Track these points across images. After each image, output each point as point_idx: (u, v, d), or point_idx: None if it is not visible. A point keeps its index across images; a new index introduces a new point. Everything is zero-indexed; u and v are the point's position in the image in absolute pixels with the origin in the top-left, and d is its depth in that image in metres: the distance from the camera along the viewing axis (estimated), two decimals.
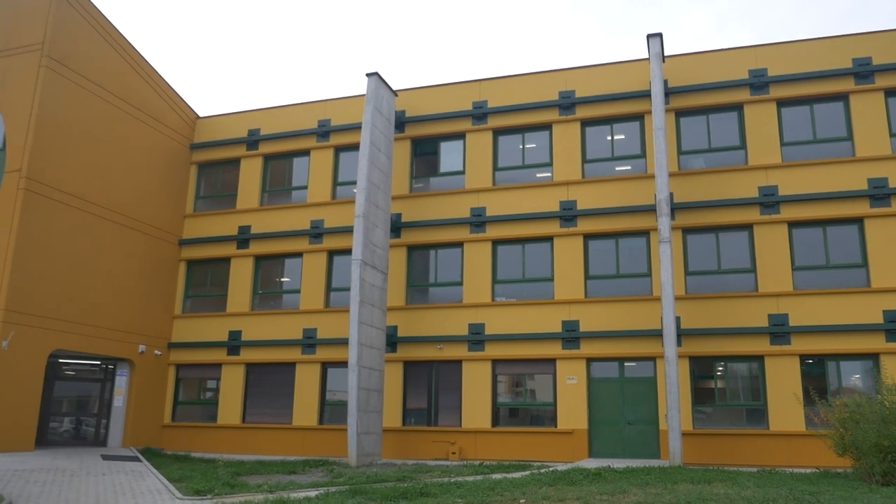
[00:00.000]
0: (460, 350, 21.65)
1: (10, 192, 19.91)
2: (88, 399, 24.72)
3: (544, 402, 21.01)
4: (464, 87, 23.86)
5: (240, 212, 25.43)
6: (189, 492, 13.80)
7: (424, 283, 23.18)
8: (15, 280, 19.32)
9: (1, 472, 15.25)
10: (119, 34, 23.44)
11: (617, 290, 21.02)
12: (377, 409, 20.50)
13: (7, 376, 18.91)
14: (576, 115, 22.43)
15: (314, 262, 23.99)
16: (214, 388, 24.59)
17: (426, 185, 24.14)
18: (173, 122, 25.79)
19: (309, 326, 23.32)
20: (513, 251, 22.26)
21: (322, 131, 24.97)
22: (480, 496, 11.92)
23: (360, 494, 12.36)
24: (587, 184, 21.83)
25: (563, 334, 20.74)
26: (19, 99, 20.65)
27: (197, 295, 25.76)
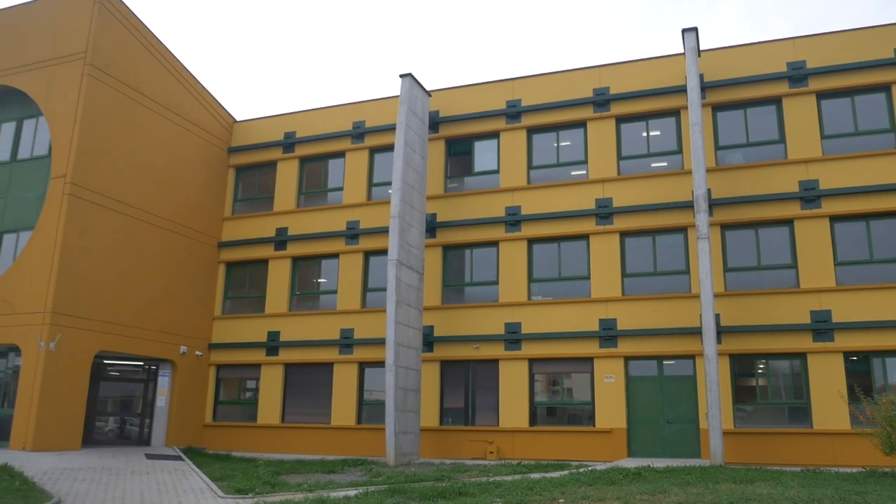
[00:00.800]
0: (497, 349, 21.62)
1: (56, 197, 20.43)
2: (132, 399, 25.25)
3: (582, 401, 20.88)
4: (497, 86, 23.82)
5: (277, 214, 25.75)
6: (231, 490, 14.03)
7: (460, 283, 23.21)
8: (61, 283, 19.82)
9: (50, 471, 15.68)
10: (158, 41, 23.90)
11: (654, 287, 20.79)
12: (414, 408, 20.58)
13: (54, 377, 19.42)
14: (610, 111, 22.24)
15: (350, 262, 24.18)
16: (254, 388, 24.94)
17: (461, 184, 24.16)
18: (211, 126, 26.22)
19: (346, 326, 23.51)
20: (548, 250, 22.17)
21: (357, 133, 25.15)
22: (519, 496, 11.91)
23: (398, 494, 12.44)
24: (623, 181, 21.64)
25: (600, 333, 20.60)
26: (64, 106, 21.18)
27: (236, 296, 26.15)
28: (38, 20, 22.68)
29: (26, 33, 22.73)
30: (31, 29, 22.68)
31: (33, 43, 22.40)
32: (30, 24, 22.82)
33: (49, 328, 19.40)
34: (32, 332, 19.47)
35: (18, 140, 22.89)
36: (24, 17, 23.05)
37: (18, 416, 19.16)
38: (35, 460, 16.78)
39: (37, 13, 22.84)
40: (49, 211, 20.44)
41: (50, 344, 19.33)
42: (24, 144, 22.71)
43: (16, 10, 23.33)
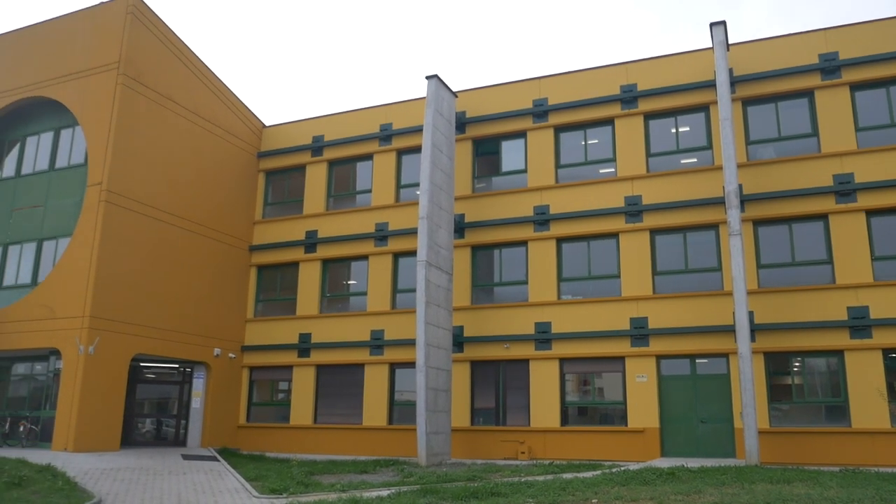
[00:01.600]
0: (527, 349, 21.59)
1: (92, 204, 20.88)
2: (168, 401, 25.70)
3: (614, 400, 20.75)
4: (523, 85, 23.79)
5: (306, 217, 26.00)
6: (265, 490, 14.23)
7: (489, 283, 23.21)
8: (99, 288, 20.25)
9: (91, 471, 16.03)
10: (188, 49, 24.30)
11: (686, 285, 20.58)
12: (445, 408, 20.64)
13: (93, 380, 19.86)
14: (638, 108, 22.07)
15: (380, 264, 24.33)
16: (286, 390, 25.21)
17: (488, 184, 24.17)
18: (241, 132, 26.58)
19: (376, 328, 23.66)
20: (577, 248, 22.07)
21: (384, 135, 25.30)
22: (552, 496, 11.89)
23: (431, 494, 12.50)
24: (652, 178, 21.47)
25: (631, 332, 20.45)
26: (99, 116, 21.64)
27: (267, 299, 26.47)
28: (73, 32, 23.19)
29: (62, 46, 23.26)
30: (67, 41, 23.21)
31: (69, 55, 22.92)
32: (65, 36, 23.35)
33: (88, 332, 19.84)
34: (72, 336, 19.94)
35: (56, 149, 23.44)
36: (60, 30, 23.59)
37: (60, 417, 19.64)
38: (76, 461, 17.17)
39: (71, 26, 23.36)
40: (86, 218, 20.90)
41: (89, 347, 19.76)
42: (62, 153, 23.26)
43: (51, 24, 23.89)
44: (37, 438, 20.95)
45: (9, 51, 24.44)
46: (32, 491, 13.27)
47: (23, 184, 23.68)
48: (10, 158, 24.43)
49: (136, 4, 22.48)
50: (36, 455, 17.46)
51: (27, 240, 22.89)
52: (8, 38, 24.70)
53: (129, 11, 22.23)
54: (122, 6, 22.40)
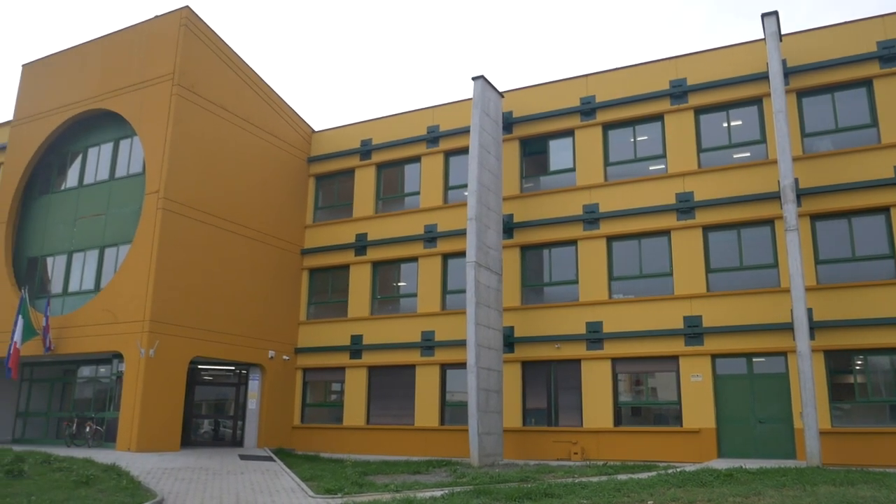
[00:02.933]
0: (578, 349, 21.43)
1: (151, 212, 21.53)
2: (225, 402, 26.33)
3: (668, 400, 20.44)
4: (570, 83, 23.62)
5: (356, 220, 26.31)
6: (320, 490, 14.44)
7: (539, 283, 23.12)
8: (158, 293, 20.87)
9: (153, 470, 16.53)
10: (239, 58, 24.85)
11: (741, 282, 20.14)
12: (497, 409, 20.63)
13: (154, 382, 20.47)
14: (688, 103, 21.70)
15: (429, 265, 24.46)
16: (339, 391, 25.55)
17: (536, 184, 24.08)
18: (291, 137, 27.06)
19: (427, 329, 23.79)
20: (628, 247, 21.81)
21: (431, 137, 25.43)
22: (606, 497, 11.79)
23: (484, 495, 12.51)
24: (704, 174, 21.07)
25: (685, 330, 20.12)
26: (155, 126, 22.31)
27: (319, 301, 26.86)
28: (130, 46, 23.96)
29: (120, 59, 24.05)
30: (124, 55, 23.99)
31: (126, 68, 23.69)
32: (123, 50, 24.13)
33: (148, 336, 20.46)
34: (133, 339, 20.59)
35: (116, 159, 24.24)
36: (118, 45, 24.40)
37: (123, 418, 20.30)
38: (139, 460, 17.71)
39: (129, 39, 24.13)
40: (145, 225, 21.55)
41: (149, 351, 20.38)
42: (121, 163, 24.04)
43: (109, 38, 24.73)
44: (102, 439, 21.71)
45: (71, 66, 25.39)
46: (99, 489, 13.75)
47: (85, 193, 24.56)
48: (73, 170, 25.36)
49: (189, 17, 23.10)
50: (101, 455, 18.08)
51: (90, 247, 23.73)
52: (69, 54, 25.66)
53: (183, 24, 22.85)
54: (175, 19, 23.05)
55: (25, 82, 26.70)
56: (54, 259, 24.63)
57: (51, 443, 22.82)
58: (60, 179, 25.62)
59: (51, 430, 24.47)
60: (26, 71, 26.84)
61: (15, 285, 24.13)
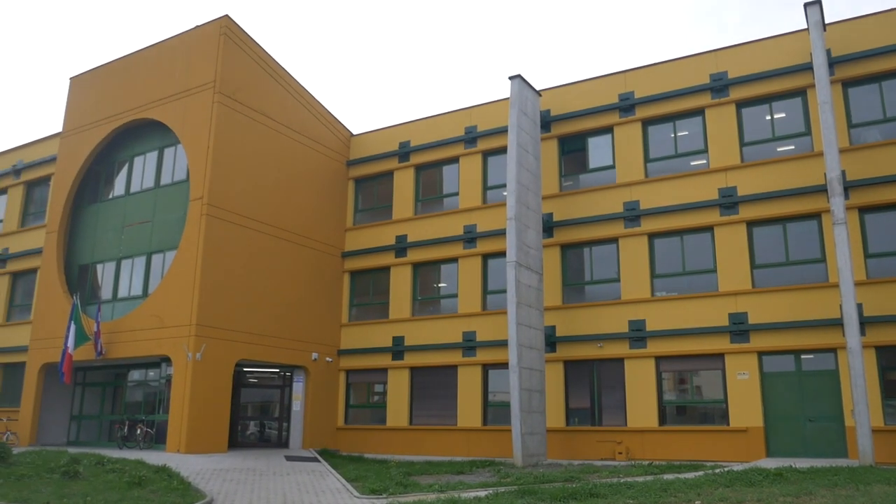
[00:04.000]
0: (621, 347, 21.23)
1: (195, 218, 21.98)
2: (270, 404, 26.74)
3: (714, 398, 20.12)
4: (608, 80, 23.42)
5: (396, 222, 26.48)
6: (366, 491, 14.57)
7: (580, 282, 22.97)
8: (203, 298, 21.29)
9: (202, 471, 16.87)
10: (277, 64, 25.22)
11: (787, 278, 19.72)
12: (540, 409, 20.55)
13: (201, 385, 20.89)
14: (730, 96, 21.34)
15: (469, 266, 24.49)
16: (382, 392, 25.74)
17: (576, 182, 23.92)
18: (330, 142, 27.35)
19: (468, 329, 23.83)
20: (671, 244, 21.54)
21: (469, 138, 25.46)
22: (652, 497, 11.66)
23: (528, 495, 12.48)
24: (747, 168, 20.69)
25: (730, 327, 19.78)
26: (198, 133, 22.77)
27: (361, 303, 27.09)
28: (173, 56, 24.49)
29: (163, 69, 24.60)
30: (167, 65, 24.53)
31: (169, 77, 24.22)
32: (165, 60, 24.68)
33: (195, 340, 20.89)
34: (181, 343, 21.04)
35: (160, 167, 24.81)
36: (160, 55, 24.96)
37: (172, 421, 20.76)
38: (188, 462, 18.09)
39: (171, 50, 24.67)
40: (190, 231, 22.01)
41: (196, 354, 20.80)
42: (166, 171, 24.60)
43: (152, 49, 25.31)
44: (152, 441, 22.23)
45: (116, 77, 26.06)
46: (151, 490, 14.10)
47: (132, 201, 25.18)
48: (120, 178, 26.02)
49: (229, 25, 23.52)
50: (152, 456, 18.52)
51: (137, 254, 24.33)
52: (115, 66, 26.34)
53: (222, 33, 23.28)
54: (215, 28, 23.50)
55: (73, 95, 27.51)
56: (104, 266, 25.30)
57: (103, 445, 23.47)
58: (108, 188, 26.32)
59: (103, 432, 25.18)
60: (74, 84, 27.64)
61: (67, 292, 24.86)
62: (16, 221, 29.98)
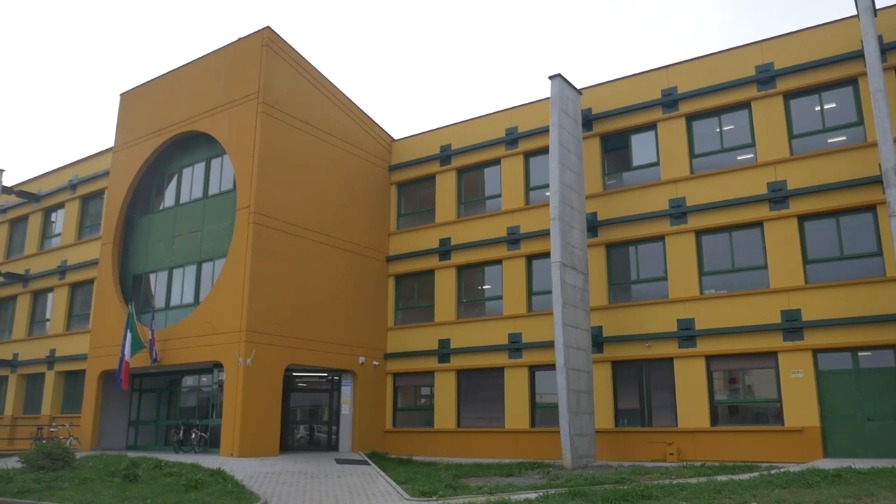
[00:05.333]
0: (670, 347, 20.92)
1: (243, 226, 22.41)
2: (319, 408, 27.06)
3: (767, 398, 19.67)
4: (650, 75, 23.13)
5: (439, 225, 26.57)
6: (416, 493, 14.67)
7: (626, 281, 22.72)
8: (253, 304, 21.69)
9: (255, 475, 17.19)
10: (319, 73, 25.55)
11: (842, 273, 19.17)
12: (588, 410, 20.38)
13: (253, 389, 21.28)
14: (777, 88, 20.86)
15: (513, 267, 24.44)
16: (429, 395, 25.84)
17: (619, 180, 23.68)
18: (372, 147, 27.60)
19: (514, 331, 23.77)
20: (719, 240, 21.15)
21: (510, 139, 25.41)
22: (706, 499, 11.49)
23: (579, 497, 12.42)
24: (797, 161, 20.19)
25: (783, 325, 19.32)
26: (243, 144, 23.22)
27: (406, 307, 27.26)
28: (217, 69, 25.04)
29: (208, 82, 25.17)
30: (212, 77, 25.08)
31: (214, 90, 24.76)
32: (210, 73, 25.24)
33: (245, 345, 21.29)
34: (232, 349, 21.47)
35: (208, 178, 25.37)
36: (205, 68, 25.54)
37: (225, 425, 21.19)
38: (242, 465, 18.47)
39: (215, 63, 25.22)
40: (238, 239, 22.46)
41: (247, 360, 21.20)
42: (213, 181, 25.15)
43: (198, 63, 25.91)
44: (207, 445, 22.73)
45: (163, 92, 26.76)
46: (207, 493, 14.44)
47: (182, 212, 25.81)
48: (170, 190, 26.70)
49: (270, 36, 23.93)
50: (207, 460, 18.96)
51: (188, 263, 24.92)
52: (162, 81, 27.05)
53: (265, 44, 23.70)
54: (257, 40, 23.94)
55: (124, 110, 28.32)
56: (156, 275, 25.99)
57: (160, 449, 24.11)
58: (159, 200, 27.02)
59: (160, 436, 25.85)
60: (124, 99, 28.46)
61: (123, 301, 25.59)
62: (73, 234, 31.01)
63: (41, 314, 31.94)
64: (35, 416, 29.69)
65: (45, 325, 31.37)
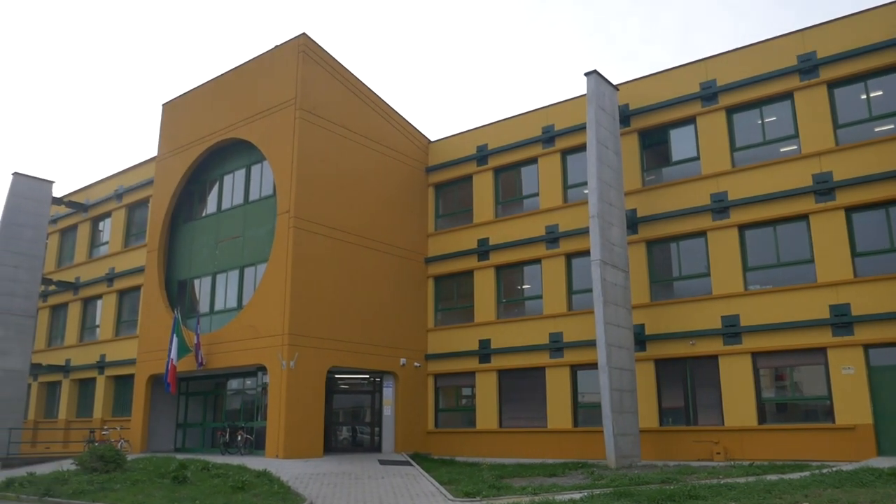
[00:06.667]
0: (715, 344, 20.57)
1: (283, 231, 22.71)
2: (361, 409, 27.28)
3: (816, 395, 19.20)
4: (688, 69, 22.78)
5: (477, 226, 26.55)
6: (459, 494, 14.68)
7: (668, 278, 22.41)
8: (294, 307, 21.95)
9: (300, 476, 17.39)
10: (354, 77, 25.75)
11: (892, 265, 18.57)
12: (632, 409, 20.15)
13: (296, 392, 21.53)
14: (820, 77, 20.35)
15: (553, 266, 24.29)
16: (470, 395, 25.83)
17: (659, 176, 23.36)
18: (409, 149, 27.72)
19: (554, 330, 23.63)
20: (763, 234, 20.72)
21: (547, 137, 25.27)
22: (756, 498, 11.27)
23: (625, 497, 12.29)
24: (843, 151, 19.66)
25: (831, 320, 18.83)
26: (282, 150, 23.53)
27: (446, 308, 27.29)
28: (255, 76, 25.42)
29: (246, 90, 25.56)
30: (250, 85, 25.47)
31: (253, 97, 25.14)
32: (248, 81, 25.64)
33: (288, 348, 21.56)
34: (275, 352, 21.76)
35: (248, 184, 25.79)
36: (244, 76, 25.95)
37: (270, 427, 21.50)
38: (287, 466, 18.70)
39: (253, 70, 25.61)
40: (279, 244, 22.76)
41: (290, 362, 21.47)
42: (254, 187, 25.54)
43: (236, 71, 26.33)
44: (252, 446, 23.08)
45: (204, 100, 27.26)
46: (254, 494, 14.67)
47: (224, 218, 26.27)
48: (212, 197, 27.20)
49: (307, 43, 24.20)
50: (253, 462, 19.25)
51: (231, 268, 25.35)
52: (202, 90, 27.56)
53: (301, 50, 23.97)
54: (294, 47, 24.22)
55: (166, 120, 28.93)
56: (200, 281, 26.50)
57: (207, 451, 24.56)
58: (201, 207, 27.54)
59: (206, 439, 26.33)
60: (166, 109, 29.07)
61: (168, 307, 26.14)
62: (120, 242, 31.80)
63: (91, 321, 32.84)
64: (87, 419, 30.51)
65: (95, 331, 32.24)
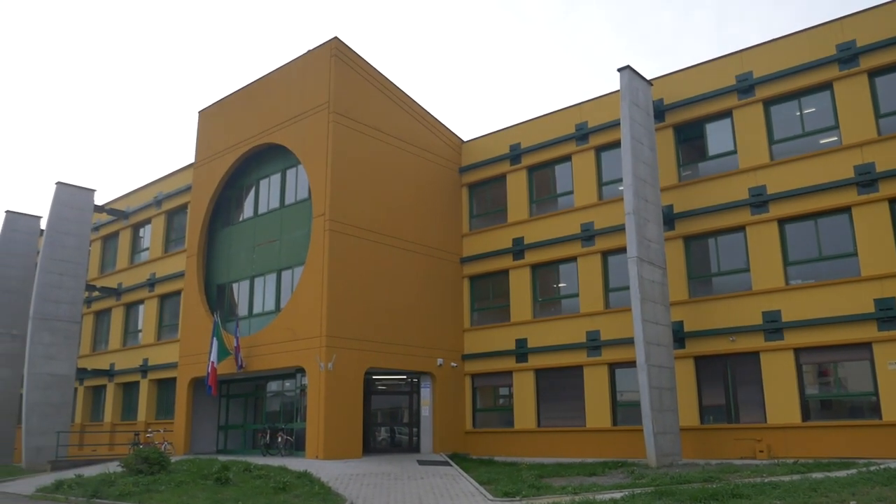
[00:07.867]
0: (755, 340, 20.23)
1: (319, 234, 22.94)
2: (399, 410, 27.42)
3: (862, 391, 18.77)
4: (723, 61, 22.45)
5: (511, 225, 26.50)
6: (499, 494, 14.68)
7: (706, 274, 22.11)
8: (331, 309, 22.17)
9: (340, 476, 17.56)
10: (387, 80, 25.89)
11: None
12: (671, 407, 19.92)
13: (335, 393, 21.74)
14: (860, 66, 19.88)
15: (589, 264, 24.13)
16: (507, 395, 25.79)
17: (695, 171, 23.07)
18: (442, 150, 27.78)
19: (591, 329, 23.47)
20: (803, 228, 20.32)
21: (580, 134, 25.12)
22: (801, 497, 11.08)
23: (667, 496, 12.18)
24: (885, 141, 19.18)
25: (877, 314, 18.39)
26: (316, 153, 23.77)
27: (482, 308, 27.29)
28: (289, 81, 25.72)
29: (280, 95, 25.88)
30: (284, 90, 25.79)
31: (287, 102, 25.44)
32: (282, 86, 25.96)
33: (326, 350, 21.78)
34: (313, 354, 21.99)
35: (284, 188, 26.11)
36: (277, 81, 26.28)
37: (310, 428, 21.73)
38: (326, 467, 18.89)
39: (287, 75, 25.92)
40: (315, 247, 23.00)
41: (328, 364, 21.68)
42: (289, 191, 25.86)
43: (270, 77, 26.68)
44: (292, 448, 23.35)
45: (239, 107, 27.67)
46: (294, 495, 14.86)
47: (261, 222, 26.64)
48: (248, 201, 27.60)
49: (339, 47, 24.41)
50: (293, 463, 19.49)
51: (268, 271, 25.70)
52: (237, 96, 27.98)
53: (334, 54, 24.19)
54: (326, 51, 24.45)
55: (202, 126, 29.44)
56: (239, 284, 26.90)
57: (248, 452, 24.92)
58: (238, 211, 27.96)
59: (248, 440, 26.72)
60: (202, 116, 29.58)
61: (208, 311, 26.58)
62: (160, 248, 32.45)
63: (134, 325, 33.56)
64: (132, 422, 31.18)
65: (138, 335, 32.94)
